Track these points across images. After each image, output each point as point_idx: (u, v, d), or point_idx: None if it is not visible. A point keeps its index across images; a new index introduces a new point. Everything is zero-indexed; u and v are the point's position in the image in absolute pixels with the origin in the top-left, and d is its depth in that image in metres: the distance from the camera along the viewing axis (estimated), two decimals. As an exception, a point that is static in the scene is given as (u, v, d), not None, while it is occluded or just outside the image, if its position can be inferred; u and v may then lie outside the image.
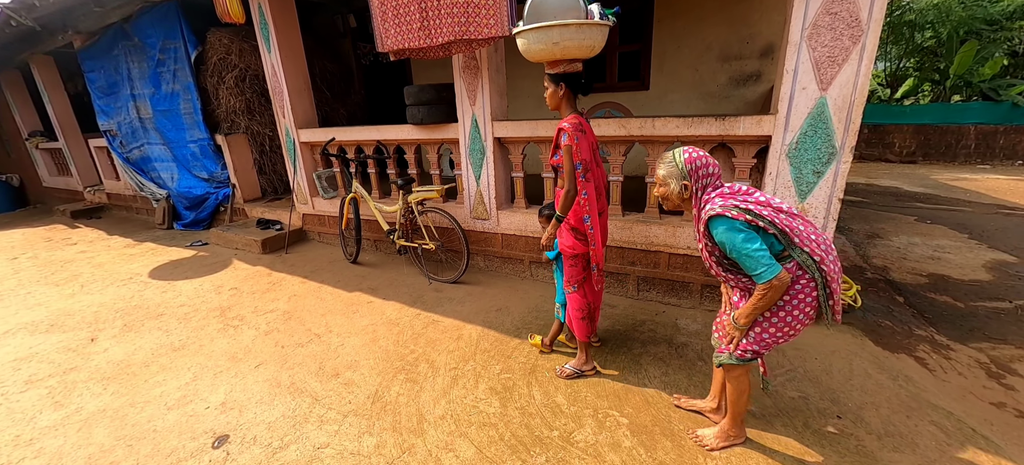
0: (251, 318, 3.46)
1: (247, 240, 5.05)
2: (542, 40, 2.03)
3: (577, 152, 2.08)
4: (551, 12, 2.00)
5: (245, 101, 5.78)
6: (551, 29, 1.99)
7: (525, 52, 2.16)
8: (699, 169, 1.68)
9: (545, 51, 2.06)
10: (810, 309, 1.65)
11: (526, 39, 2.10)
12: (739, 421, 1.96)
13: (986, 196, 7.70)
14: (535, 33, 2.03)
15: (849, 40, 2.32)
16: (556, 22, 1.97)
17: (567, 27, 1.98)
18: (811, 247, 1.58)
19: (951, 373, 2.67)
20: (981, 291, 3.89)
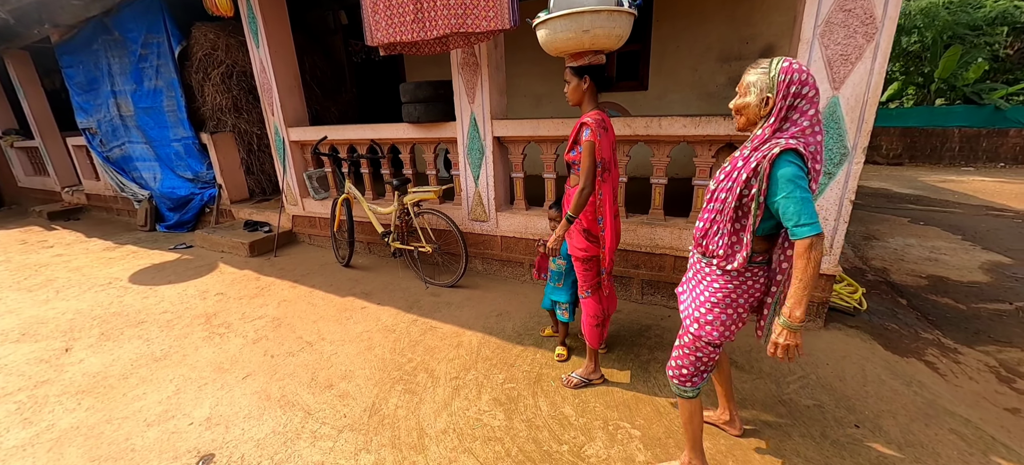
0: (238, 325, 3.29)
1: (234, 243, 4.86)
2: (571, 28, 1.90)
3: (599, 149, 1.98)
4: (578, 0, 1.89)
5: (232, 98, 5.57)
6: (582, 16, 1.87)
7: (549, 42, 2.03)
8: (792, 84, 1.35)
9: (573, 40, 1.94)
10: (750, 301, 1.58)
11: (551, 28, 1.96)
12: (696, 448, 1.78)
13: (974, 197, 7.81)
14: (564, 20, 1.91)
15: (863, 38, 2.26)
16: (588, 8, 1.86)
17: (599, 14, 1.87)
18: None
19: (962, 378, 2.62)
20: (981, 293, 3.89)
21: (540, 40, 2.10)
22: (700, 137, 2.79)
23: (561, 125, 3.23)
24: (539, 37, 2.09)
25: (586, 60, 2.03)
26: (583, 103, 2.11)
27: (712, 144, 2.82)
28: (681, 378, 1.68)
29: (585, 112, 2.10)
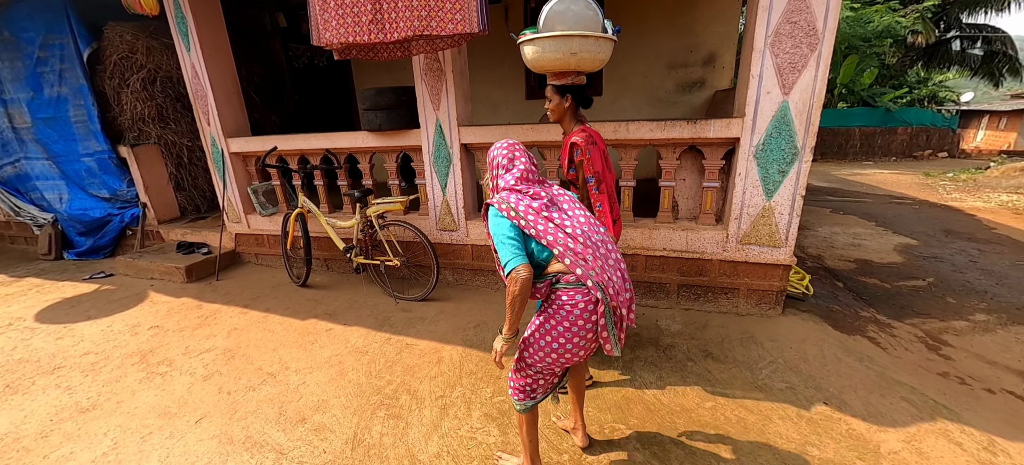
0: (182, 361, 2.93)
1: (166, 268, 4.34)
2: (560, 49, 1.95)
3: (589, 165, 2.03)
4: (569, 22, 1.94)
5: (156, 107, 5.00)
6: (571, 39, 1.93)
7: (535, 60, 2.06)
8: (491, 160, 1.68)
9: (561, 61, 1.99)
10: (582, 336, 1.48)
11: (540, 46, 2.00)
12: (533, 457, 1.78)
13: (878, 188, 8.90)
14: (553, 41, 1.95)
15: (808, 48, 2.47)
16: (576, 33, 1.91)
17: (587, 39, 1.94)
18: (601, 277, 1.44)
19: (900, 349, 2.94)
20: (899, 272, 4.41)
21: (525, 56, 2.11)
22: (666, 140, 2.91)
23: (531, 131, 3.22)
24: (525, 53, 2.09)
25: (569, 79, 2.08)
26: (564, 120, 2.17)
27: (676, 147, 2.95)
28: (514, 392, 1.69)
29: (567, 130, 2.17)
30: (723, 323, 3.04)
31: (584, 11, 1.97)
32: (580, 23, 1.94)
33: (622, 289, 1.49)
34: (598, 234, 1.55)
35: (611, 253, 1.54)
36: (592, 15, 1.97)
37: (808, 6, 2.40)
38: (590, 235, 1.51)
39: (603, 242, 1.53)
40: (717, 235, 2.99)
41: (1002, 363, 2.85)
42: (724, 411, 2.24)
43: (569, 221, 1.53)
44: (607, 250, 1.52)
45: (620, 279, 1.49)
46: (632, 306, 1.55)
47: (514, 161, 1.61)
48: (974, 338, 3.15)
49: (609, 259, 1.50)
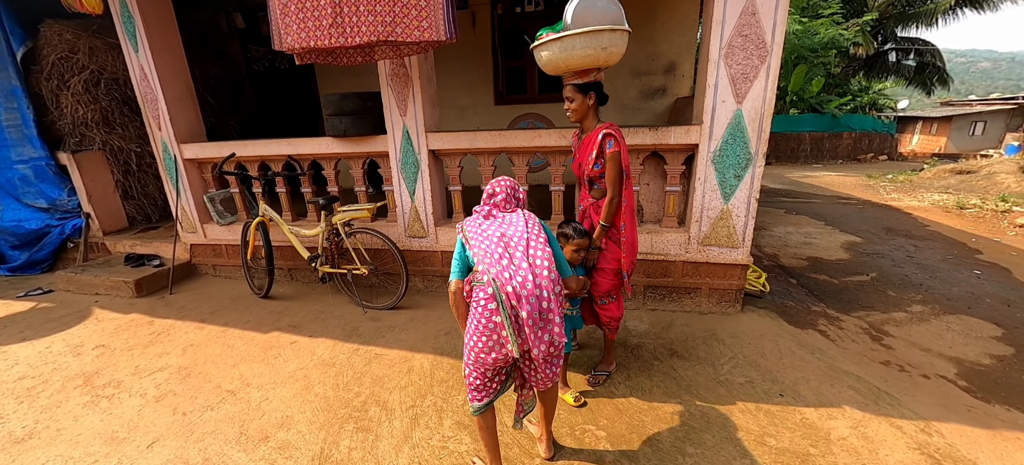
0: (132, 382, 2.75)
1: (113, 282, 4.06)
2: (591, 45, 1.94)
3: (625, 155, 2.06)
4: (594, 18, 1.95)
5: (100, 110, 4.69)
6: (602, 34, 1.93)
7: (565, 57, 2.00)
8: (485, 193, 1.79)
9: (590, 56, 1.98)
10: (487, 335, 1.53)
11: (567, 45, 1.96)
12: (494, 458, 1.82)
13: (826, 189, 9.48)
14: (585, 37, 1.93)
15: (758, 59, 2.62)
16: (606, 27, 1.92)
17: (616, 32, 1.95)
18: (499, 277, 1.48)
19: (847, 341, 3.14)
20: (845, 268, 4.71)
21: (546, 58, 2.07)
22: (631, 146, 2.99)
23: (499, 137, 3.24)
24: (551, 52, 2.03)
25: (592, 77, 2.08)
26: (587, 118, 2.16)
27: (640, 152, 3.04)
28: (468, 394, 1.73)
29: (587, 128, 2.18)
30: (687, 322, 3.15)
31: (610, 5, 1.98)
32: (607, 17, 1.96)
33: (531, 291, 1.47)
34: (522, 239, 1.57)
35: (533, 257, 1.53)
36: (617, 10, 2.00)
37: (758, 21, 2.54)
38: (511, 238, 1.56)
39: (522, 244, 1.54)
40: (680, 237, 3.11)
41: (935, 350, 3.10)
42: (688, 407, 2.32)
43: (495, 228, 1.61)
44: (525, 252, 1.53)
45: (531, 281, 1.48)
46: (545, 314, 1.50)
47: (493, 195, 1.74)
48: (912, 328, 3.41)
49: (516, 257, 1.51)
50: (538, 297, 1.50)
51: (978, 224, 6.43)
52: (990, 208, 7.04)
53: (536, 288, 1.50)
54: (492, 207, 1.73)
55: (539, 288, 1.50)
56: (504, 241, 1.57)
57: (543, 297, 1.50)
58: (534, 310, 1.48)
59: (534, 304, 1.48)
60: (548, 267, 1.55)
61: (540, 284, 1.51)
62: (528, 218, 1.68)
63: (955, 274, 4.49)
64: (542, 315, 1.50)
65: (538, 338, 1.50)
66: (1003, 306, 3.78)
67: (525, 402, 1.90)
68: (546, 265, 1.55)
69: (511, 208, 1.74)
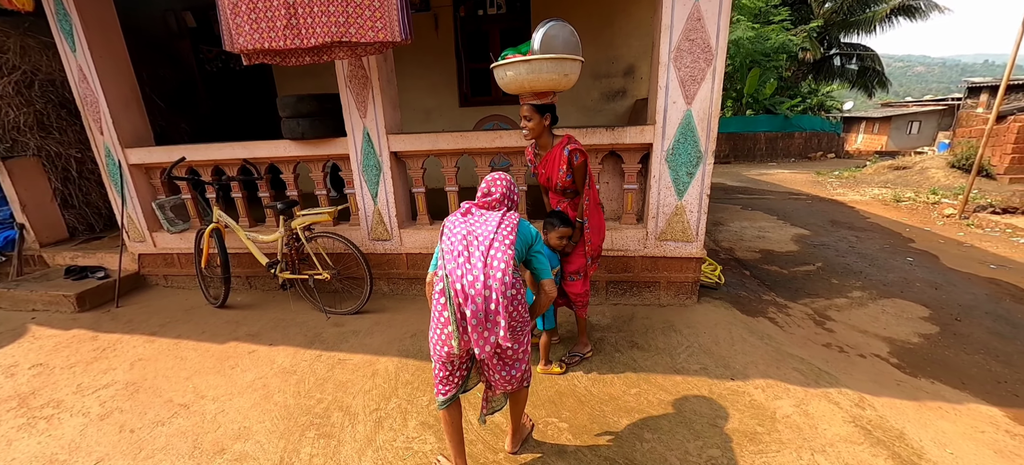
0: (73, 402, 2.59)
1: (51, 297, 3.80)
2: (556, 70, 2.14)
3: (589, 163, 2.34)
4: (559, 47, 2.13)
5: (35, 113, 4.39)
6: (564, 61, 2.13)
7: (531, 79, 2.15)
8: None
9: (554, 80, 2.16)
10: (439, 328, 1.61)
11: (535, 68, 2.13)
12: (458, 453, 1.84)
13: (779, 186, 10.00)
14: (551, 63, 2.11)
15: (704, 62, 2.76)
16: (567, 56, 2.12)
17: (576, 62, 2.17)
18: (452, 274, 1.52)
19: (793, 326, 3.35)
20: (794, 258, 5.01)
21: (511, 77, 2.18)
22: (589, 146, 3.08)
23: (461, 139, 3.27)
24: (509, 75, 2.17)
25: (549, 99, 2.25)
26: (542, 136, 2.34)
27: (598, 152, 3.14)
28: (435, 383, 1.78)
29: (543, 144, 2.38)
30: (647, 314, 3.27)
31: (572, 37, 2.20)
32: (570, 47, 2.17)
33: (479, 291, 1.48)
34: (477, 239, 1.57)
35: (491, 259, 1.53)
36: (576, 41, 2.21)
37: (703, 26, 2.69)
38: (475, 237, 1.57)
39: (484, 245, 1.55)
40: (638, 233, 3.22)
41: (872, 331, 3.36)
42: (647, 395, 2.41)
43: (465, 226, 1.63)
44: (484, 253, 1.53)
45: (481, 281, 1.48)
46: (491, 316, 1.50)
47: (488, 194, 1.74)
48: (851, 312, 3.67)
49: (474, 258, 1.52)
50: (486, 298, 1.49)
51: (912, 215, 6.97)
52: (922, 200, 7.65)
53: (484, 289, 1.49)
54: (481, 205, 1.72)
55: (488, 289, 1.50)
56: (467, 240, 1.58)
57: (490, 299, 1.50)
58: (479, 310, 1.48)
59: (480, 304, 1.48)
60: (503, 270, 1.52)
61: (490, 285, 1.50)
62: (505, 220, 1.65)
63: (891, 262, 4.85)
64: (488, 316, 1.50)
65: (482, 337, 1.50)
66: (931, 289, 4.13)
67: (492, 400, 1.93)
68: (502, 268, 1.52)
69: (501, 208, 1.72)
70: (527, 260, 1.75)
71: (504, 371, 1.72)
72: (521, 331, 1.70)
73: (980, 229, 6.05)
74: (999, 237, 5.70)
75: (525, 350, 1.76)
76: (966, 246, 5.37)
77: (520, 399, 1.93)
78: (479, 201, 1.74)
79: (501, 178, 1.77)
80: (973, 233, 5.90)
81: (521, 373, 1.78)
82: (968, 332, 3.36)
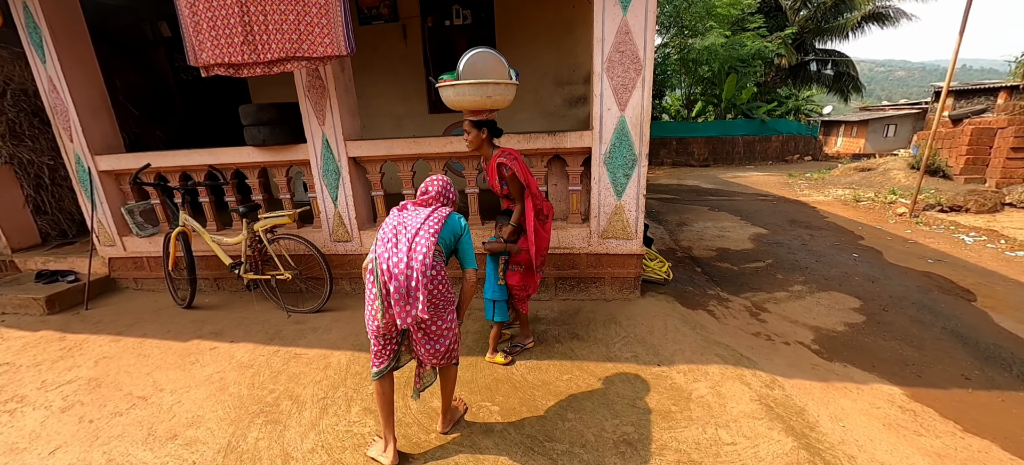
0: (36, 396, 2.72)
1: (21, 300, 3.91)
2: (478, 93, 2.37)
3: (521, 175, 2.47)
4: (485, 71, 2.37)
5: (7, 122, 4.51)
6: (486, 85, 2.34)
7: (456, 101, 2.41)
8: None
9: (478, 102, 2.39)
10: (369, 304, 1.84)
11: (459, 91, 2.37)
12: (387, 424, 2.03)
13: (750, 188, 10.31)
14: (472, 87, 2.35)
15: (634, 72, 2.98)
16: (490, 80, 2.35)
17: (499, 85, 2.38)
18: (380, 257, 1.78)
19: (729, 318, 3.57)
20: (747, 256, 5.25)
21: (445, 97, 2.45)
22: (533, 150, 3.29)
23: (415, 144, 3.45)
24: (446, 95, 2.44)
25: (485, 116, 2.49)
26: (482, 148, 2.56)
27: (542, 156, 3.35)
28: (371, 357, 1.99)
29: (485, 155, 2.58)
30: (593, 309, 3.47)
31: (496, 64, 2.43)
32: (493, 73, 2.41)
33: (401, 271, 1.73)
34: (405, 228, 1.84)
35: (415, 244, 1.78)
36: (502, 67, 2.43)
37: (631, 39, 2.91)
38: (405, 227, 1.84)
39: (410, 233, 1.82)
40: (583, 232, 3.43)
41: (802, 321, 3.59)
42: (577, 381, 2.60)
43: (399, 219, 1.90)
44: (410, 240, 1.80)
45: (404, 262, 1.74)
46: (412, 292, 1.73)
47: (426, 192, 2.02)
48: (788, 304, 3.91)
49: (400, 243, 1.80)
50: (407, 276, 1.75)
51: (868, 214, 7.28)
52: (880, 200, 7.98)
53: (407, 268, 1.75)
54: (418, 203, 2.00)
55: (410, 268, 1.75)
56: (397, 230, 1.85)
57: (411, 277, 1.75)
58: (401, 286, 1.74)
59: (402, 281, 1.74)
60: (424, 253, 1.78)
61: (412, 265, 1.76)
62: (435, 213, 1.91)
63: (837, 257, 5.12)
64: (409, 292, 1.75)
65: (404, 310, 1.76)
66: (868, 282, 4.39)
67: (424, 376, 2.12)
68: (423, 252, 1.78)
69: (436, 205, 1.98)
70: (455, 249, 2.01)
71: (429, 344, 1.93)
72: (443, 308, 1.90)
73: (927, 227, 6.37)
74: (943, 234, 6.01)
75: (449, 327, 1.95)
76: (910, 242, 5.67)
77: (449, 378, 2.12)
78: (417, 199, 2.01)
79: (437, 179, 2.05)
80: (920, 230, 6.21)
81: (446, 348, 1.97)
82: (891, 321, 3.60)
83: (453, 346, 2.01)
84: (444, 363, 2.02)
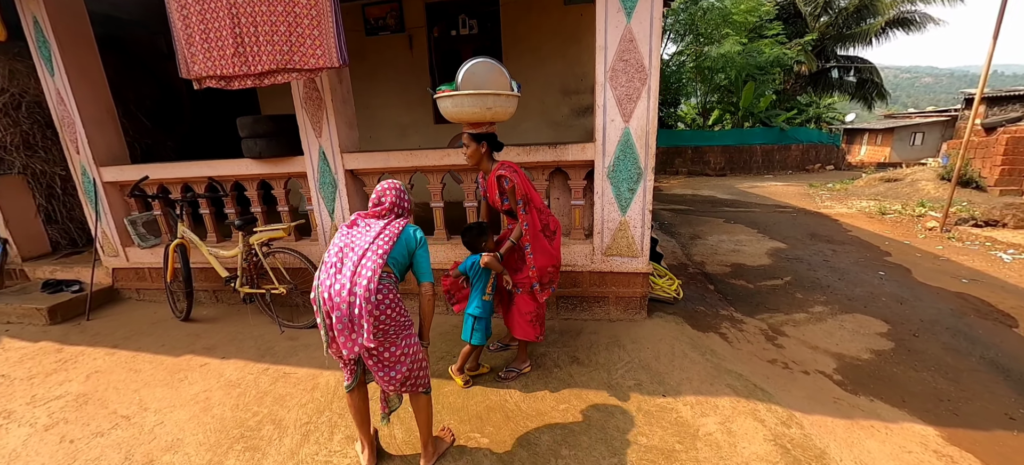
0: (23, 412, 2.68)
1: (25, 310, 3.93)
2: (478, 104, 2.27)
3: (520, 189, 2.37)
4: (484, 82, 2.26)
5: (21, 134, 4.59)
6: (486, 96, 2.24)
7: (456, 112, 2.31)
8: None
9: (477, 113, 2.29)
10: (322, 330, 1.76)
11: (458, 102, 2.26)
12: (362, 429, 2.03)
13: (768, 199, 9.96)
14: (471, 98, 2.25)
15: (639, 82, 2.83)
16: (490, 91, 2.23)
17: (499, 96, 2.28)
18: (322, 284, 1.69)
19: (743, 342, 3.34)
20: (764, 273, 4.99)
21: (446, 109, 2.34)
22: (532, 163, 3.15)
23: (412, 157, 3.35)
24: (445, 106, 2.33)
25: (484, 129, 2.38)
26: (481, 162, 2.46)
27: (543, 169, 3.20)
28: None
29: (484, 169, 2.47)
30: (596, 330, 3.29)
31: (497, 75, 2.31)
32: (493, 83, 2.29)
33: (343, 299, 1.64)
34: (353, 250, 1.73)
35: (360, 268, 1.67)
36: (503, 78, 2.32)
37: (636, 48, 2.76)
38: (352, 248, 1.73)
39: (356, 256, 1.70)
40: (585, 248, 3.27)
41: (823, 347, 3.34)
42: (574, 411, 2.43)
43: (345, 238, 1.78)
44: (355, 263, 1.68)
45: (347, 289, 1.64)
46: (355, 321, 1.64)
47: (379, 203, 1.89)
48: (808, 327, 3.66)
49: (344, 268, 1.69)
50: (350, 304, 1.64)
51: (895, 228, 6.90)
52: (908, 213, 7.57)
53: (350, 295, 1.64)
54: (371, 214, 1.87)
55: (353, 295, 1.64)
56: (343, 252, 1.74)
57: (354, 304, 1.64)
58: (343, 316, 1.64)
59: (344, 310, 1.64)
60: (369, 278, 1.65)
61: (355, 292, 1.65)
62: (387, 229, 1.79)
63: (861, 275, 4.82)
64: (352, 321, 1.66)
65: (348, 339, 1.67)
66: (896, 304, 4.09)
67: (389, 400, 2.02)
68: (367, 276, 1.66)
69: (390, 217, 1.86)
70: (410, 264, 1.88)
71: (382, 372, 1.81)
72: (395, 334, 1.77)
73: (960, 242, 5.98)
74: (978, 250, 5.63)
75: (405, 353, 1.81)
76: (942, 260, 5.31)
77: (421, 407, 1.98)
78: (370, 210, 1.88)
79: (391, 187, 1.90)
80: (953, 246, 5.83)
81: (402, 375, 1.83)
82: (923, 348, 3.32)
83: (416, 372, 1.88)
84: (405, 391, 1.89)
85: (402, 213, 1.90)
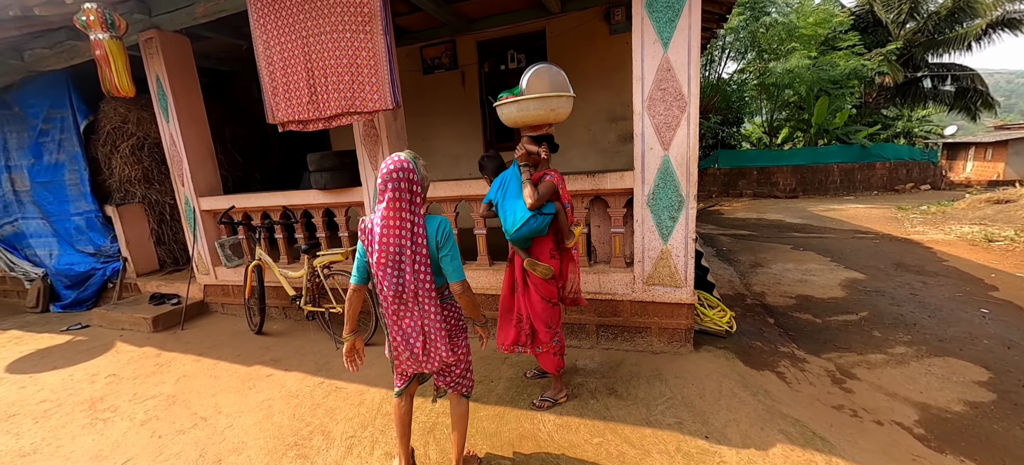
0: (126, 407, 3.13)
1: (135, 318, 4.61)
2: (542, 107, 2.42)
3: (565, 193, 2.52)
4: (548, 85, 2.43)
5: (143, 170, 5.47)
6: (550, 99, 2.40)
7: (520, 116, 2.46)
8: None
9: (542, 115, 2.45)
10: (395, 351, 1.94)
11: (525, 106, 2.43)
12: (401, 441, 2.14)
13: (846, 223, 9.04)
14: (537, 101, 2.41)
15: (678, 110, 2.80)
16: (553, 93, 2.41)
17: (561, 98, 2.43)
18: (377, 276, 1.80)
19: (804, 383, 3.06)
20: (836, 306, 4.54)
21: (507, 115, 2.51)
22: (572, 192, 3.19)
23: (456, 187, 3.55)
24: (506, 112, 2.50)
25: (544, 131, 2.53)
26: (540, 164, 2.53)
27: (583, 198, 3.23)
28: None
29: (543, 169, 2.55)
30: (637, 362, 3.19)
31: (557, 76, 2.48)
32: (556, 85, 2.44)
33: (416, 340, 1.83)
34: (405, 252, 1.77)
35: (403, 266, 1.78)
36: (562, 79, 2.48)
37: (674, 76, 2.75)
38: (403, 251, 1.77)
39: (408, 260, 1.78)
40: (626, 277, 3.21)
41: (902, 395, 2.96)
42: (608, 447, 2.37)
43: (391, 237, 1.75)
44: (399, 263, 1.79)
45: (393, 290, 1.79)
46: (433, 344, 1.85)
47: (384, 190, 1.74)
48: (885, 371, 3.27)
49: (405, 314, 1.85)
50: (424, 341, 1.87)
51: (1005, 258, 5.96)
52: (1023, 241, 6.50)
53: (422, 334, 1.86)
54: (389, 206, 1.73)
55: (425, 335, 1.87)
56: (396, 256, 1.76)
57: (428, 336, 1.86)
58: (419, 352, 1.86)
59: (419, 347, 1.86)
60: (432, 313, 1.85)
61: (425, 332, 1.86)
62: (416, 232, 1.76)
63: (958, 313, 4.22)
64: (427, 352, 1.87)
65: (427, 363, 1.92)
66: (1002, 348, 3.54)
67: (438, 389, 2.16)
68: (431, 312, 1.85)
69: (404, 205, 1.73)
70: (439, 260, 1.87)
71: (444, 377, 2.03)
72: (457, 337, 1.98)
73: (1095, 278, 5.02)
74: (1120, 288, 4.69)
75: (460, 357, 2.00)
76: (1069, 298, 4.49)
77: (460, 414, 2.10)
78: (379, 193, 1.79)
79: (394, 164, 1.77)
80: (1084, 282, 4.92)
81: (457, 375, 2.04)
82: (1035, 403, 2.83)
83: (466, 372, 2.08)
84: (453, 388, 2.05)
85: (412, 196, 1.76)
